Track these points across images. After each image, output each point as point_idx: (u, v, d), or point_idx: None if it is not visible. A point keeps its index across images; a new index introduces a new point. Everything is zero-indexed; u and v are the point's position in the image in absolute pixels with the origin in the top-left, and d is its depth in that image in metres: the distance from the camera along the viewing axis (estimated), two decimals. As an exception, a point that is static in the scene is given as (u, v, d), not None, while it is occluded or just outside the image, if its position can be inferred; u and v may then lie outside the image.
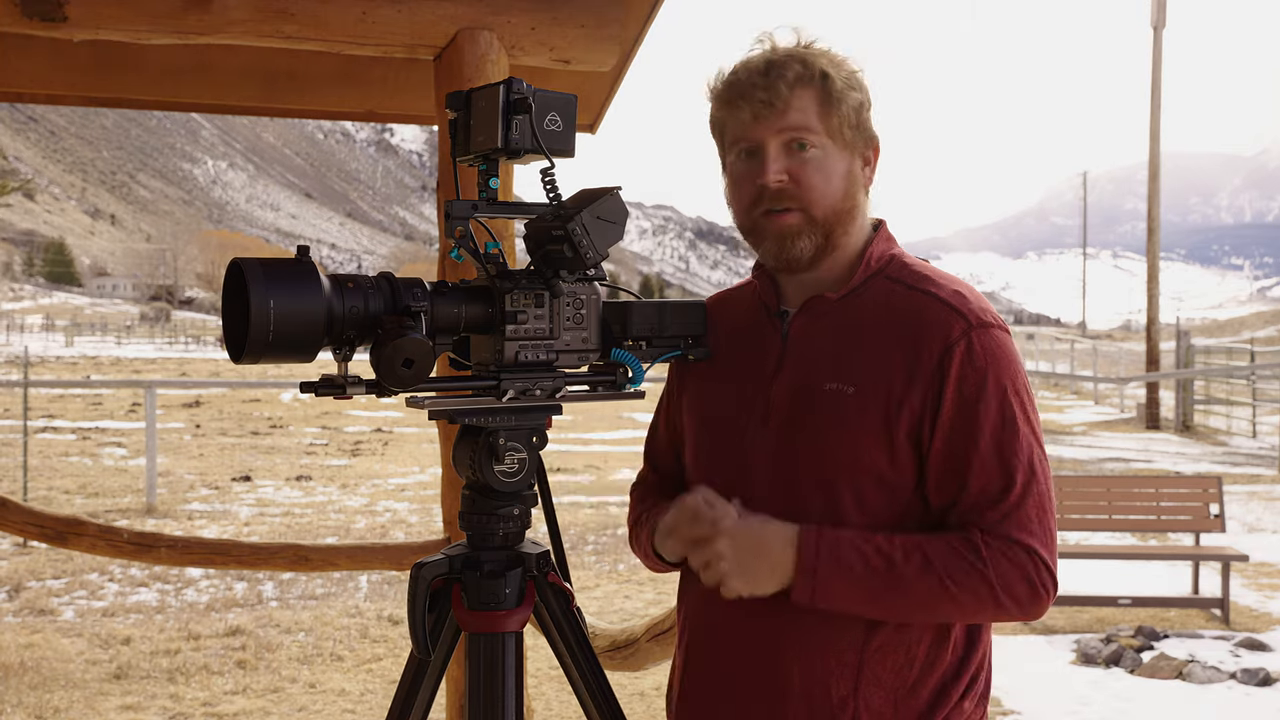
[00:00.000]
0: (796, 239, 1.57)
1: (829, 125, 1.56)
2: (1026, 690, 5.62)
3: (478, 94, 1.53)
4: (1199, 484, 7.34)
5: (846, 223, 1.60)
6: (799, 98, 1.55)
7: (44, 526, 4.15)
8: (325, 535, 9.64)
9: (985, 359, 1.51)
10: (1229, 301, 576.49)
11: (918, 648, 1.53)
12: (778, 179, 1.55)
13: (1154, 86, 21.71)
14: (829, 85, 1.55)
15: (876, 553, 1.46)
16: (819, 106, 1.56)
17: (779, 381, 1.60)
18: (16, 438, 14.65)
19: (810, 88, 1.55)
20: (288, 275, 1.36)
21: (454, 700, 3.29)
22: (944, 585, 1.45)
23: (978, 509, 1.49)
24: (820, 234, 1.57)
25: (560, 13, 3.00)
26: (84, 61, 3.86)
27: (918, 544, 1.47)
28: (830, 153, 1.57)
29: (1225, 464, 15.31)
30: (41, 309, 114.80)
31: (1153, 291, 21.35)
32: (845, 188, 1.59)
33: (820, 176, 1.56)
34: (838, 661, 1.52)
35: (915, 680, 1.53)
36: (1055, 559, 1.50)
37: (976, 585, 1.46)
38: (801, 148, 1.55)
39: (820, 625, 1.52)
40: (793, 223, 1.56)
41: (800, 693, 1.53)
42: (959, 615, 1.50)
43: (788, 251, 1.58)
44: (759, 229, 1.60)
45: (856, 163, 1.60)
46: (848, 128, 1.57)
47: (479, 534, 1.60)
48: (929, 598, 1.46)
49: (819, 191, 1.56)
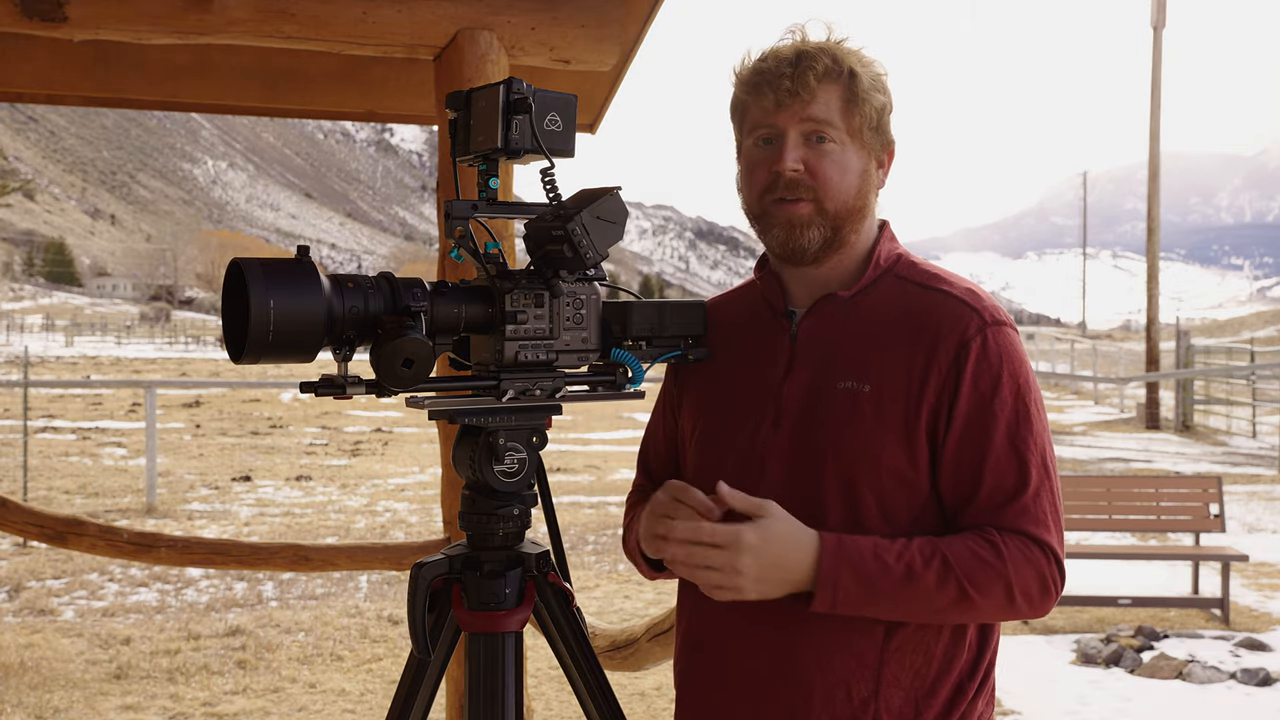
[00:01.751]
0: (806, 229, 1.57)
1: (850, 123, 1.57)
2: (1026, 690, 5.62)
3: (478, 94, 1.53)
4: (1199, 484, 7.34)
5: (856, 221, 1.61)
6: (825, 91, 1.56)
7: (44, 526, 4.15)
8: (325, 535, 9.64)
9: (1000, 356, 1.53)
10: (1229, 301, 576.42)
11: (936, 647, 1.53)
12: (794, 167, 1.56)
13: (1154, 86, 21.71)
14: (855, 84, 1.57)
15: (897, 560, 1.45)
16: (843, 103, 1.57)
17: (790, 382, 1.59)
18: (16, 438, 14.65)
19: (837, 83, 1.56)
20: (288, 275, 1.36)
21: (454, 700, 3.29)
22: (963, 590, 1.45)
23: (995, 505, 1.50)
24: (829, 227, 1.58)
25: (560, 13, 3.00)
26: (84, 61, 3.86)
27: (937, 548, 1.47)
28: (849, 149, 1.58)
29: (1225, 464, 15.31)
30: (41, 309, 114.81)
31: (1152, 291, 21.35)
32: (859, 186, 1.59)
33: (836, 171, 1.57)
34: (858, 663, 1.52)
35: (934, 680, 1.53)
36: (1063, 555, 1.53)
37: (995, 587, 1.46)
38: (821, 140, 1.57)
39: (840, 627, 1.52)
40: (804, 212, 1.57)
41: (821, 695, 1.52)
42: (974, 617, 1.50)
43: (795, 240, 1.58)
44: (768, 215, 1.60)
45: (872, 164, 1.61)
46: (868, 128, 1.59)
47: (479, 534, 1.59)
48: (948, 603, 1.47)
49: (834, 185, 1.57)
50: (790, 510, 1.52)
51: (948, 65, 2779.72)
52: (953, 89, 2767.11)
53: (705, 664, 1.65)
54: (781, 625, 1.54)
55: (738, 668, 1.59)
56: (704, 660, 1.65)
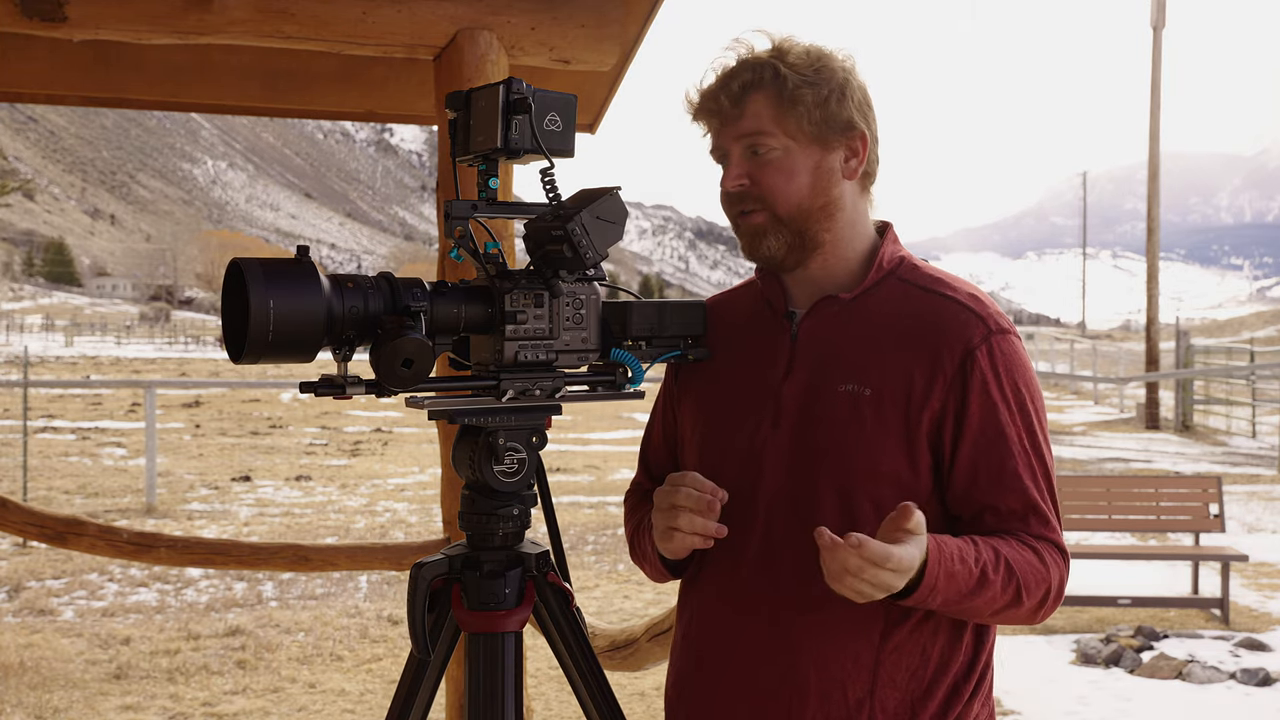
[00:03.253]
0: (764, 238, 1.60)
1: (786, 125, 1.57)
2: (1026, 690, 5.62)
3: (477, 94, 1.53)
4: (1199, 484, 7.35)
5: (823, 218, 1.60)
6: (752, 103, 1.57)
7: (44, 526, 4.15)
8: (325, 535, 9.64)
9: (1008, 367, 1.54)
10: (1229, 301, 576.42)
11: (932, 649, 1.54)
12: (737, 183, 1.60)
13: (1154, 86, 21.71)
14: (781, 85, 1.56)
15: (976, 562, 1.46)
16: (773, 109, 1.57)
17: (790, 382, 1.60)
18: (16, 438, 14.65)
19: (761, 91, 1.57)
20: (287, 275, 1.36)
21: (454, 700, 3.29)
22: (1019, 593, 1.48)
23: (1019, 514, 1.52)
24: (788, 231, 1.59)
25: (560, 13, 3.00)
26: (84, 61, 3.86)
27: (998, 552, 1.48)
28: (792, 151, 1.58)
29: (1225, 464, 15.31)
30: (41, 309, 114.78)
31: (1152, 291, 21.35)
32: (813, 183, 1.59)
33: (781, 176, 1.58)
34: (854, 663, 1.52)
35: (930, 681, 1.54)
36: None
37: (1039, 591, 1.50)
38: (757, 153, 1.58)
39: (837, 628, 1.52)
40: (758, 222, 1.60)
41: (817, 695, 1.53)
42: (1014, 619, 1.53)
43: (758, 250, 1.61)
44: (736, 229, 1.65)
45: (832, 156, 1.59)
46: (809, 123, 1.57)
47: (479, 534, 1.59)
48: (1004, 605, 1.49)
49: (780, 191, 1.58)
50: (786, 510, 1.53)
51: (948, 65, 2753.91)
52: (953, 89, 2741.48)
53: (703, 663, 1.65)
54: (782, 625, 1.55)
55: (736, 667, 1.60)
56: (702, 660, 1.66)
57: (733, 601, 1.59)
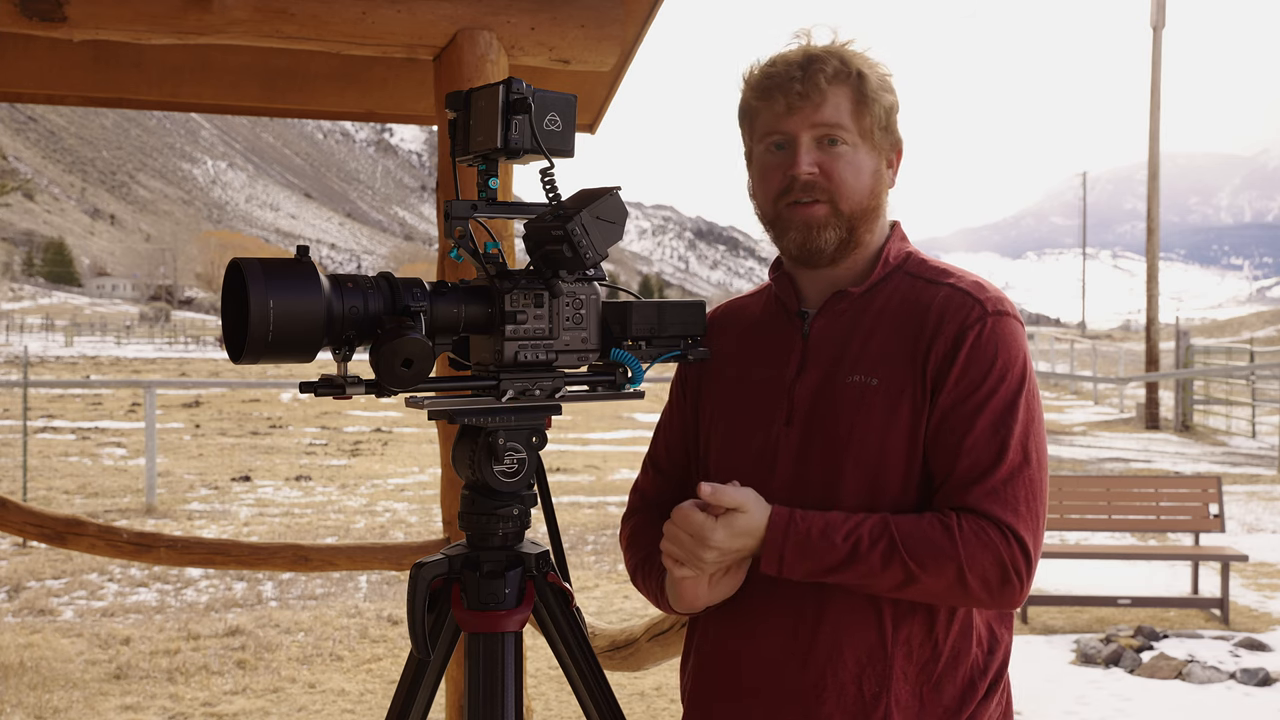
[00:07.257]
0: (822, 230, 1.60)
1: (861, 124, 1.59)
2: (1026, 690, 5.61)
3: (477, 94, 1.53)
4: (1198, 484, 7.34)
5: (870, 220, 1.63)
6: (834, 94, 1.58)
7: (44, 526, 4.15)
8: (325, 535, 9.64)
9: (996, 343, 1.54)
10: (1228, 301, 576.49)
11: (944, 643, 1.55)
12: (809, 171, 1.58)
13: (1154, 86, 21.71)
14: (864, 85, 1.59)
15: (845, 539, 1.48)
16: (853, 105, 1.59)
17: (802, 380, 1.62)
18: (16, 438, 14.65)
19: (846, 85, 1.58)
20: (287, 275, 1.36)
21: (454, 700, 3.29)
22: (909, 570, 1.47)
23: (964, 484, 1.50)
24: (845, 227, 1.60)
25: (560, 13, 3.00)
26: (84, 61, 3.86)
27: (888, 527, 1.48)
28: (860, 150, 1.60)
29: (1225, 464, 15.31)
30: (41, 309, 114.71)
31: (1152, 291, 21.35)
32: (872, 186, 1.62)
33: (850, 172, 1.59)
34: (869, 657, 1.54)
35: (941, 674, 1.54)
36: (1037, 548, 1.51)
37: (945, 569, 1.47)
38: (833, 143, 1.59)
39: (850, 622, 1.54)
40: (820, 214, 1.59)
41: (833, 690, 1.54)
42: (927, 597, 1.51)
43: (812, 242, 1.60)
44: (784, 219, 1.62)
45: (882, 163, 1.64)
46: (878, 129, 1.61)
47: (478, 534, 1.59)
48: (896, 582, 1.48)
49: (849, 186, 1.59)
50: (796, 504, 1.54)
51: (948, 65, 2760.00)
52: (953, 89, 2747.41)
53: (719, 663, 1.66)
54: (793, 620, 1.56)
55: (750, 666, 1.60)
56: (718, 659, 1.66)
57: (745, 599, 1.60)
